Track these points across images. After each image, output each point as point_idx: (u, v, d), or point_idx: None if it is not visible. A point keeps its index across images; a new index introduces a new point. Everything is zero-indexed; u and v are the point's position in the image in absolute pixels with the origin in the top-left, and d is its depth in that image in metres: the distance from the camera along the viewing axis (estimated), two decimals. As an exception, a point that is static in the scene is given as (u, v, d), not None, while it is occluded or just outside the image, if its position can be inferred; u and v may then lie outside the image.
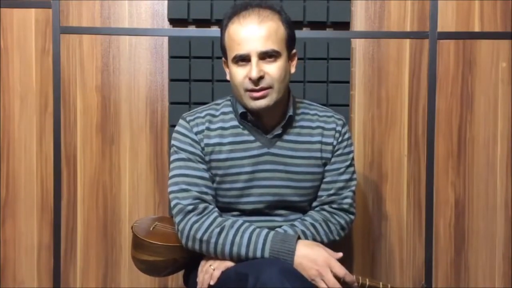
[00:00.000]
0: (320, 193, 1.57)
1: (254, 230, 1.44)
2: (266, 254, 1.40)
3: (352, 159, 1.60)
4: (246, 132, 1.53)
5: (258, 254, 1.41)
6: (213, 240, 1.43)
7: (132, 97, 1.97)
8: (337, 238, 1.55)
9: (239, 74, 1.46)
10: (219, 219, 1.46)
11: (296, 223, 1.51)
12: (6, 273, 1.98)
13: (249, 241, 1.42)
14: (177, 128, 1.55)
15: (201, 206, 1.47)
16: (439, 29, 1.96)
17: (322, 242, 1.49)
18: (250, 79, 1.43)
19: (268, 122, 1.54)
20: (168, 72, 1.93)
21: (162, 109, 1.96)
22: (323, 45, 1.91)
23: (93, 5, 1.95)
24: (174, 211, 1.48)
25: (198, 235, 1.44)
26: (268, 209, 1.53)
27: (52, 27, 1.94)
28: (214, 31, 1.94)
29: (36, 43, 1.95)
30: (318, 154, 1.55)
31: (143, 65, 1.96)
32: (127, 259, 1.99)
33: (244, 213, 1.54)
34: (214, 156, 1.52)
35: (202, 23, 1.94)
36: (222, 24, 1.51)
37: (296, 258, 1.39)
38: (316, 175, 1.55)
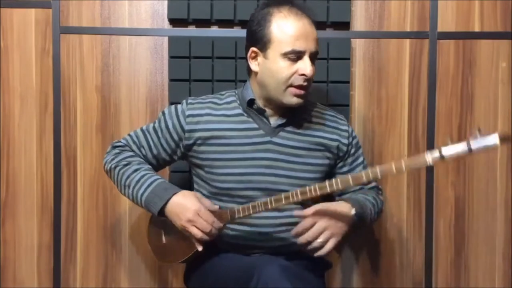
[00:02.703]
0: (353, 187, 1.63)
1: (148, 173, 1.55)
2: (144, 196, 1.51)
3: (362, 157, 1.70)
4: (250, 120, 1.57)
5: (140, 193, 1.52)
6: (118, 168, 1.59)
7: (132, 97, 1.96)
8: (378, 215, 1.66)
9: (287, 69, 1.49)
10: (132, 158, 1.59)
11: (362, 193, 1.62)
12: (6, 273, 1.98)
13: (139, 179, 1.53)
14: (177, 104, 1.63)
15: (128, 148, 1.63)
16: (439, 29, 1.96)
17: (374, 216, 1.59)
18: (302, 75, 1.48)
19: (273, 112, 1.57)
20: (168, 72, 1.93)
21: (162, 109, 1.95)
22: (323, 45, 1.91)
23: (93, 5, 1.95)
24: (112, 143, 1.67)
25: (111, 164, 1.61)
26: (266, 198, 1.54)
27: (52, 27, 1.94)
28: (214, 31, 1.94)
29: (36, 43, 1.95)
30: (320, 147, 1.58)
31: (143, 65, 1.96)
32: (127, 259, 1.99)
33: (242, 199, 1.55)
34: (214, 141, 1.56)
35: (202, 23, 1.94)
36: (263, 15, 1.52)
37: (169, 205, 1.48)
38: (317, 167, 1.57)
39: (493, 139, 1.27)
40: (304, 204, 1.59)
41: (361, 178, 1.41)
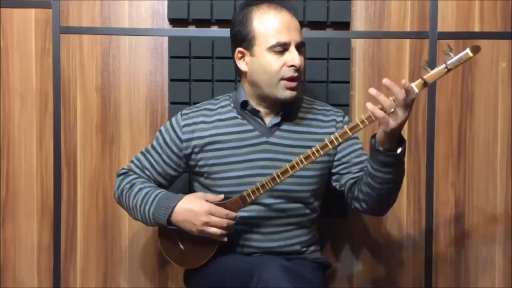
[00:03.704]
0: (353, 171, 1.59)
1: (151, 189, 1.56)
2: (151, 211, 1.52)
3: (361, 143, 1.65)
4: (245, 122, 1.57)
5: (147, 209, 1.53)
6: (124, 192, 1.60)
7: (132, 97, 1.96)
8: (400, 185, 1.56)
9: (276, 62, 1.49)
10: (136, 180, 1.61)
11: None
12: (6, 273, 1.98)
13: (144, 196, 1.54)
14: (172, 118, 1.64)
15: (131, 173, 1.65)
16: (439, 29, 1.96)
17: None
18: (292, 66, 1.48)
19: (267, 112, 1.57)
20: (168, 72, 1.93)
21: (162, 109, 1.96)
22: (323, 45, 1.91)
23: (93, 5, 1.95)
24: (117, 172, 1.69)
25: (118, 192, 1.63)
26: (267, 199, 1.54)
27: (52, 27, 1.94)
28: (214, 31, 1.94)
29: (36, 43, 1.95)
30: (317, 144, 1.56)
31: (143, 65, 1.96)
32: (127, 259, 1.99)
33: None
34: (210, 147, 1.56)
35: (202, 23, 1.94)
36: (243, 14, 1.53)
37: (176, 212, 1.50)
38: (316, 164, 1.57)
39: (465, 53, 1.33)
40: (304, 202, 1.59)
41: (357, 126, 1.39)
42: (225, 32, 1.92)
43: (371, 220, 1.98)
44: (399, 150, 1.40)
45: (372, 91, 1.34)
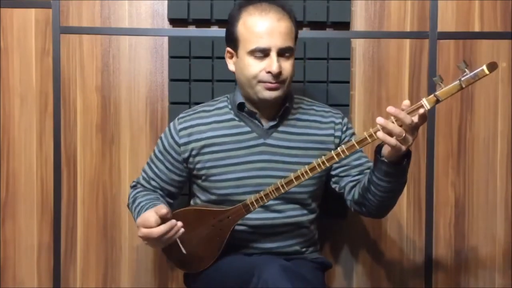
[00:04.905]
0: (352, 174, 1.58)
1: (148, 202, 1.55)
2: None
3: None
4: (242, 123, 1.57)
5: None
6: (129, 206, 1.64)
7: (132, 97, 1.96)
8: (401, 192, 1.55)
9: (255, 66, 1.48)
10: (139, 193, 1.62)
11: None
12: (6, 273, 1.98)
13: (140, 210, 1.54)
14: (170, 123, 1.63)
15: (139, 185, 1.67)
16: (439, 29, 1.96)
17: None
18: (269, 72, 1.46)
19: (264, 114, 1.56)
20: (168, 72, 1.93)
21: (162, 109, 1.96)
22: (323, 45, 1.91)
23: (93, 5, 1.95)
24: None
25: (128, 205, 1.67)
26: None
27: (52, 27, 1.94)
28: (214, 31, 1.94)
29: (36, 43, 1.95)
30: (315, 145, 1.57)
31: (143, 65, 1.96)
32: (127, 259, 1.99)
33: None
34: (207, 149, 1.56)
35: (202, 23, 1.94)
36: (233, 14, 1.52)
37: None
38: None
39: (481, 70, 1.30)
40: (302, 203, 1.59)
41: (366, 140, 1.37)
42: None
43: (371, 220, 1.98)
44: (404, 162, 1.40)
45: (380, 120, 1.32)
